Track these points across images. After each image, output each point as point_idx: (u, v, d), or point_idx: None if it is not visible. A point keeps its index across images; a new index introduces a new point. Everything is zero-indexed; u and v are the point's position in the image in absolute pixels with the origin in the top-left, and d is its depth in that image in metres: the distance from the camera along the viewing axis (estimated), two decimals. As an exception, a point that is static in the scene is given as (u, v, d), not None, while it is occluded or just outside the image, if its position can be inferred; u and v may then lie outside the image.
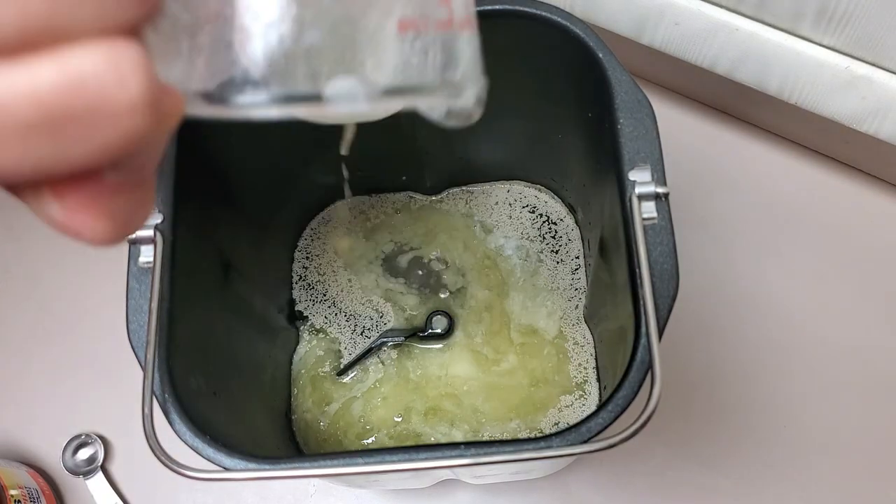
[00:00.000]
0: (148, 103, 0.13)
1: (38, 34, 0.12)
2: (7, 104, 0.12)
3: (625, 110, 0.35)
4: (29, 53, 0.12)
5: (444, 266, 0.51)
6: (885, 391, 0.50)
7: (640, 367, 0.31)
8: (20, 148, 0.12)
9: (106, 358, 0.54)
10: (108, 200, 0.14)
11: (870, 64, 0.45)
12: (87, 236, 0.14)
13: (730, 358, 0.51)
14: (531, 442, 0.31)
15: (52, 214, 0.14)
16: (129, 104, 0.13)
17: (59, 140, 0.13)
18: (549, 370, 0.48)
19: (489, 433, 0.47)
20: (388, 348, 0.49)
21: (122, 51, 0.13)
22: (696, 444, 0.49)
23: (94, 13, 0.12)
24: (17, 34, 0.12)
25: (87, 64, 0.12)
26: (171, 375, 0.33)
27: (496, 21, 0.37)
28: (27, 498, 0.47)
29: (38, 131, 0.12)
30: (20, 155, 0.12)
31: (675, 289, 0.32)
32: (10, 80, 0.12)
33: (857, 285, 0.52)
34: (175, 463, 0.30)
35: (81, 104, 0.12)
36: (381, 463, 0.31)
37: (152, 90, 0.13)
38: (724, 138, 0.56)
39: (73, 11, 0.12)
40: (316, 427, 0.48)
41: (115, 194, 0.14)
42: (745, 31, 0.47)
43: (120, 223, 0.15)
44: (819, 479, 0.48)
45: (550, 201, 0.52)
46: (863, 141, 0.50)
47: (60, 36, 0.12)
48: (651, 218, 0.33)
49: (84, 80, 0.12)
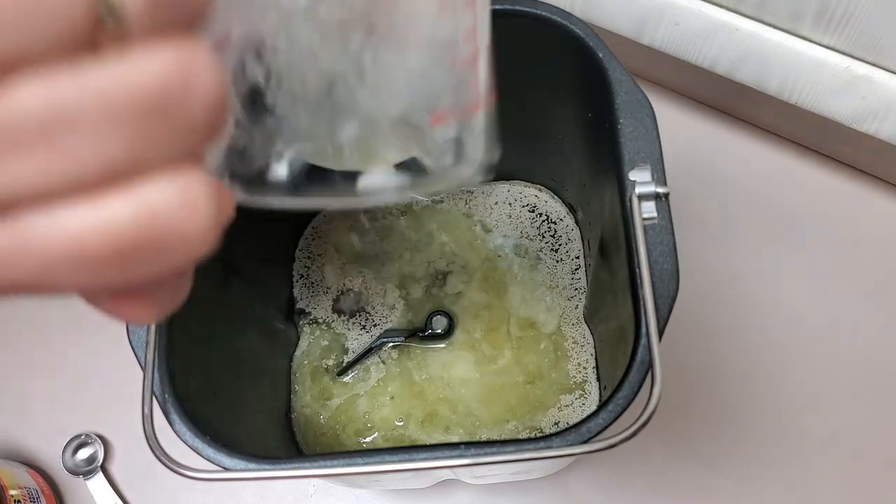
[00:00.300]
0: (216, 226, 0.13)
1: (115, 174, 0.12)
2: (85, 241, 0.12)
3: (625, 110, 0.35)
4: (106, 190, 0.12)
5: (445, 266, 0.51)
6: (885, 391, 0.50)
7: (640, 368, 0.31)
8: (90, 276, 0.13)
9: (106, 358, 0.54)
10: (155, 294, 0.15)
11: (870, 64, 0.45)
12: (132, 321, 0.15)
13: (730, 358, 0.51)
14: (531, 442, 0.31)
15: (100, 305, 0.14)
16: (200, 231, 0.13)
17: (128, 268, 0.13)
18: (544, 366, 0.48)
19: (485, 437, 0.47)
20: (389, 348, 0.49)
21: (192, 180, 0.13)
22: (696, 443, 0.49)
23: (168, 150, 0.13)
24: (96, 176, 0.12)
25: (160, 197, 0.13)
26: (171, 375, 0.33)
27: (496, 21, 0.37)
28: (27, 498, 0.47)
29: (111, 262, 0.13)
30: (89, 281, 0.13)
31: (675, 289, 0.32)
32: (86, 218, 0.12)
33: (858, 285, 0.52)
34: (175, 463, 0.30)
35: (155, 236, 0.13)
36: (381, 463, 0.31)
37: (219, 212, 0.13)
38: (724, 138, 0.56)
39: (148, 149, 0.12)
40: (315, 421, 0.48)
41: (162, 288, 0.15)
42: (746, 30, 0.47)
43: (164, 308, 0.15)
44: (819, 479, 0.48)
45: (550, 201, 0.52)
46: (863, 141, 0.50)
47: (137, 172, 0.12)
48: (651, 218, 0.33)
49: (157, 214, 0.13)
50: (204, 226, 0.13)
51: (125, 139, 0.12)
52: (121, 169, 0.12)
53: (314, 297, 0.51)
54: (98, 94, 0.12)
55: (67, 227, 0.12)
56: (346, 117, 0.17)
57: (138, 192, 0.12)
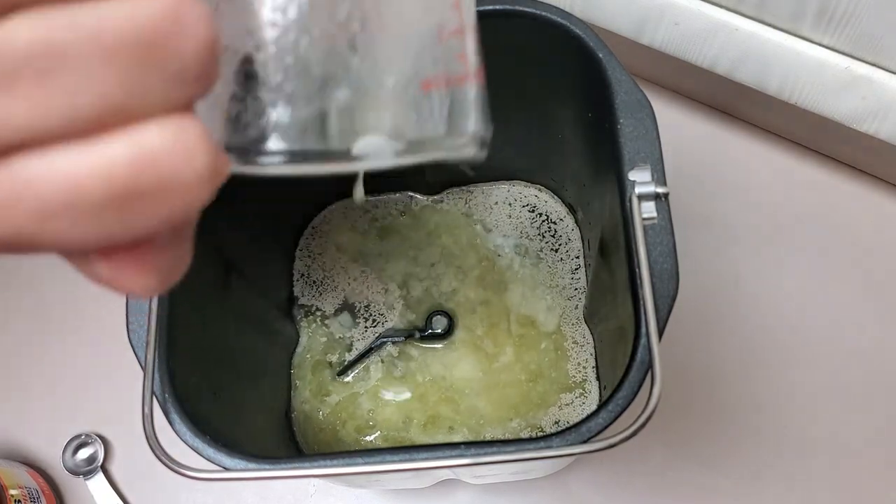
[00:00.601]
0: (212, 174, 0.13)
1: (111, 116, 0.12)
2: (82, 184, 0.12)
3: (625, 110, 0.35)
4: (101, 134, 0.13)
5: (445, 266, 0.51)
6: (885, 391, 0.50)
7: (640, 367, 0.31)
8: (89, 224, 0.13)
9: (106, 358, 0.54)
10: (154, 258, 0.14)
11: (870, 64, 0.45)
12: (133, 291, 0.15)
13: (730, 358, 0.51)
14: (531, 442, 0.31)
15: (98, 273, 0.14)
16: (196, 177, 0.13)
17: (127, 214, 0.13)
18: (545, 365, 0.48)
19: (490, 435, 0.47)
20: (389, 348, 0.49)
21: (187, 126, 0.13)
22: (696, 443, 0.49)
23: (161, 94, 0.13)
24: (93, 118, 0.12)
25: (157, 142, 0.13)
26: (171, 375, 0.33)
27: (496, 21, 0.37)
28: (27, 498, 0.47)
29: (108, 208, 0.13)
30: (87, 230, 0.13)
31: (675, 289, 0.32)
32: (84, 161, 0.12)
33: (859, 285, 0.52)
34: (175, 463, 0.30)
35: (152, 181, 0.13)
36: (381, 463, 0.31)
37: (215, 161, 0.14)
38: (724, 138, 0.56)
39: (144, 94, 0.13)
40: (315, 417, 0.48)
41: (160, 251, 0.14)
42: (746, 31, 0.47)
43: (164, 277, 0.15)
44: (819, 479, 0.48)
45: (550, 201, 0.52)
46: (863, 141, 0.50)
47: (131, 116, 0.13)
48: (651, 218, 0.33)
49: (154, 158, 0.13)
50: (200, 172, 0.13)
51: (118, 77, 0.12)
52: (115, 110, 0.12)
53: (314, 297, 0.51)
54: (91, 30, 0.12)
55: (64, 169, 0.12)
56: (339, 85, 0.18)
57: (134, 136, 0.13)
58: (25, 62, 0.12)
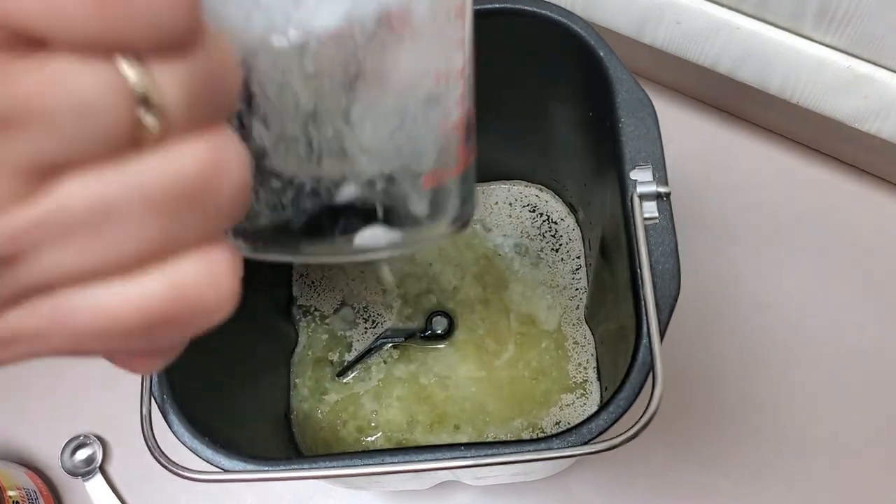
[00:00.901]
0: (235, 295, 0.14)
1: (150, 255, 0.13)
2: (118, 316, 0.13)
3: (626, 109, 0.34)
4: (139, 269, 0.13)
5: (445, 266, 0.51)
6: (885, 391, 0.50)
7: (641, 368, 0.31)
8: (118, 344, 0.14)
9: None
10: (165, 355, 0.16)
11: (871, 63, 0.45)
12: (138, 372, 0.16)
13: (731, 358, 0.51)
14: (532, 443, 0.31)
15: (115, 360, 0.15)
16: (221, 304, 0.14)
17: (153, 337, 0.14)
18: (546, 363, 0.48)
19: (493, 434, 0.47)
20: (390, 349, 0.49)
21: (218, 258, 0.14)
22: (697, 444, 0.49)
23: (197, 231, 0.13)
24: (134, 259, 0.13)
25: (189, 275, 0.13)
26: (169, 377, 0.33)
27: (497, 20, 0.37)
28: (25, 499, 0.47)
29: (138, 333, 0.13)
30: (115, 348, 0.14)
31: (676, 289, 0.32)
32: (120, 295, 0.13)
33: (860, 285, 0.52)
34: (174, 464, 0.30)
35: (181, 311, 0.14)
36: (380, 464, 0.31)
37: (238, 281, 0.14)
38: (726, 137, 0.56)
39: (183, 233, 0.13)
40: (314, 416, 0.48)
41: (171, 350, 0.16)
42: (747, 29, 0.47)
43: (168, 359, 0.16)
44: (819, 479, 0.48)
45: (551, 201, 0.52)
46: (864, 140, 0.50)
47: (168, 252, 0.13)
48: (652, 218, 0.32)
49: (186, 290, 0.13)
50: (227, 298, 0.14)
51: (161, 225, 0.13)
52: (154, 251, 0.13)
53: (314, 297, 0.51)
54: (140, 187, 0.13)
55: (103, 303, 0.13)
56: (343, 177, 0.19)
57: (168, 271, 0.13)
58: (79, 220, 0.12)
